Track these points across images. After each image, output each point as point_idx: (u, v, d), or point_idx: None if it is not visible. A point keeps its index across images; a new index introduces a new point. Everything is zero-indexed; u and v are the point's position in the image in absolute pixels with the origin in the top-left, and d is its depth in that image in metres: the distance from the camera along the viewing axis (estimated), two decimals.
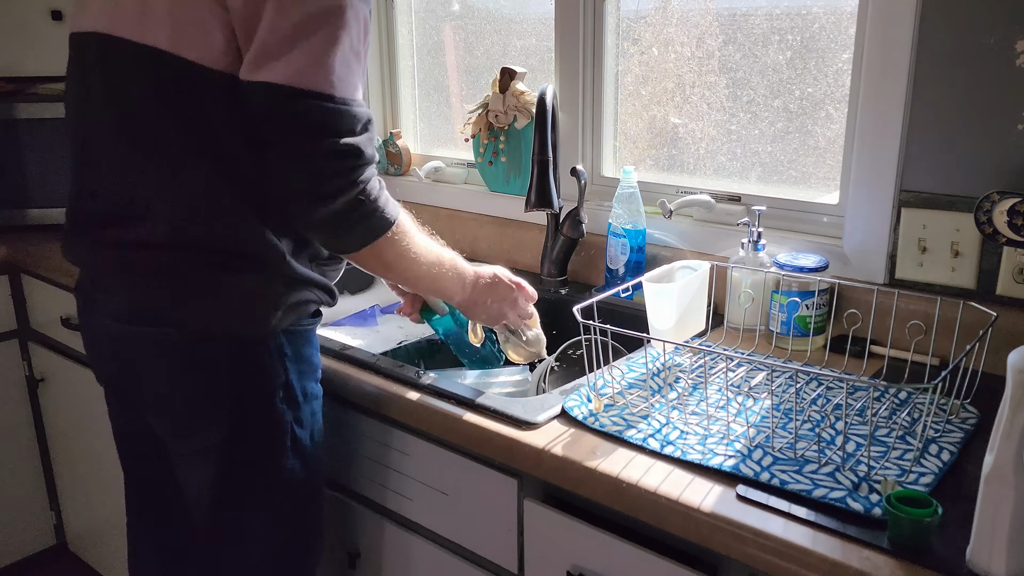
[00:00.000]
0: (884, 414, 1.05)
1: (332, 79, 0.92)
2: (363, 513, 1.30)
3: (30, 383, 2.17)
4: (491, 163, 1.78)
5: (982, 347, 1.05)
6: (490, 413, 1.08)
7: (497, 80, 1.73)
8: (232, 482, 1.09)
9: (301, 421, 1.10)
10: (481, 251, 1.84)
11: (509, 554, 1.10)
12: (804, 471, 0.91)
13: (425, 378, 1.18)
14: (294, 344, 1.08)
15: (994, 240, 1.11)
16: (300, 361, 1.09)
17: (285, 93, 0.91)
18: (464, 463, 1.11)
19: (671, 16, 1.55)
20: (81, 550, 2.27)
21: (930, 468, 0.91)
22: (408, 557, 1.25)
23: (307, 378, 1.11)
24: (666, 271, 1.23)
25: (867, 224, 1.29)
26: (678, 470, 0.93)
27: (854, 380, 1.11)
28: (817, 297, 1.27)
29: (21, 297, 2.10)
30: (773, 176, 1.48)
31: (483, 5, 1.87)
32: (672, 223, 1.52)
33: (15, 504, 2.21)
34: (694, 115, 1.56)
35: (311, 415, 1.12)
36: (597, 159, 1.69)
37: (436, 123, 2.04)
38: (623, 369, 1.19)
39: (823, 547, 0.79)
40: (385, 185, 1.04)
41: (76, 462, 2.11)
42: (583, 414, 1.05)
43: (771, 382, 1.12)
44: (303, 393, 1.10)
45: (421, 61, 2.02)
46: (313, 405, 1.13)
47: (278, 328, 1.05)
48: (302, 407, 1.10)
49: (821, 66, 1.38)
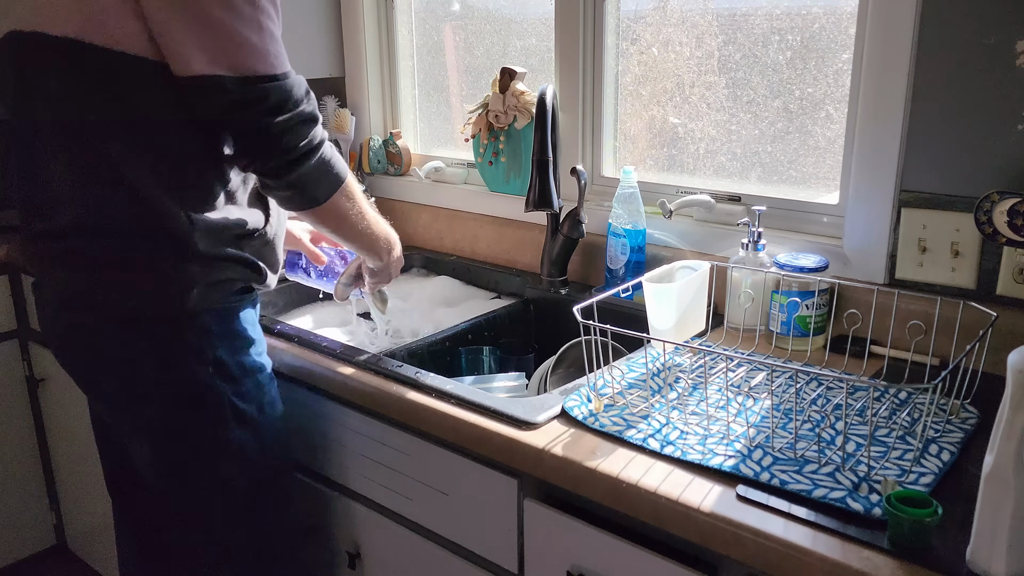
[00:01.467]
0: (884, 414, 1.05)
1: (271, 60, 1.01)
2: (363, 513, 1.30)
3: (30, 383, 2.16)
4: (491, 163, 1.78)
5: (982, 347, 1.05)
6: (490, 413, 1.08)
7: (497, 80, 1.73)
8: (171, 457, 1.13)
9: (243, 395, 1.13)
10: (481, 251, 1.84)
11: (509, 554, 1.10)
12: (804, 471, 0.91)
13: (425, 378, 1.18)
14: (221, 322, 1.11)
15: (994, 240, 1.11)
16: (231, 337, 1.12)
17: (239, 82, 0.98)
18: (464, 463, 1.11)
19: (671, 16, 1.55)
20: (81, 550, 2.27)
21: (930, 468, 0.91)
22: (408, 557, 1.25)
23: (242, 353, 1.13)
24: (666, 271, 1.23)
25: (867, 224, 1.29)
26: (678, 470, 0.93)
27: (854, 380, 1.11)
28: (817, 297, 1.27)
29: (21, 297, 2.10)
30: (773, 176, 1.48)
31: (483, 5, 1.86)
32: (672, 223, 1.52)
33: (15, 504, 2.21)
34: (694, 115, 1.56)
35: (256, 388, 1.15)
36: (597, 159, 1.69)
37: (436, 123, 2.04)
38: (623, 369, 1.19)
39: (823, 547, 0.79)
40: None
41: (76, 462, 2.11)
42: (583, 414, 1.05)
43: (771, 382, 1.12)
44: (239, 367, 1.13)
45: (421, 61, 2.02)
46: (258, 378, 1.15)
47: (200, 308, 1.07)
48: (241, 381, 1.13)
49: (821, 66, 1.38)
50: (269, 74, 1.00)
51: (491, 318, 1.54)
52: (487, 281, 1.76)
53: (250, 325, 1.16)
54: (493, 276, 1.75)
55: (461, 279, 1.80)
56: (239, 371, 1.13)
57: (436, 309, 1.67)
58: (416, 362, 1.36)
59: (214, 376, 1.10)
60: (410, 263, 1.90)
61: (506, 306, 1.60)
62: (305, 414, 1.34)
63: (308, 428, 1.34)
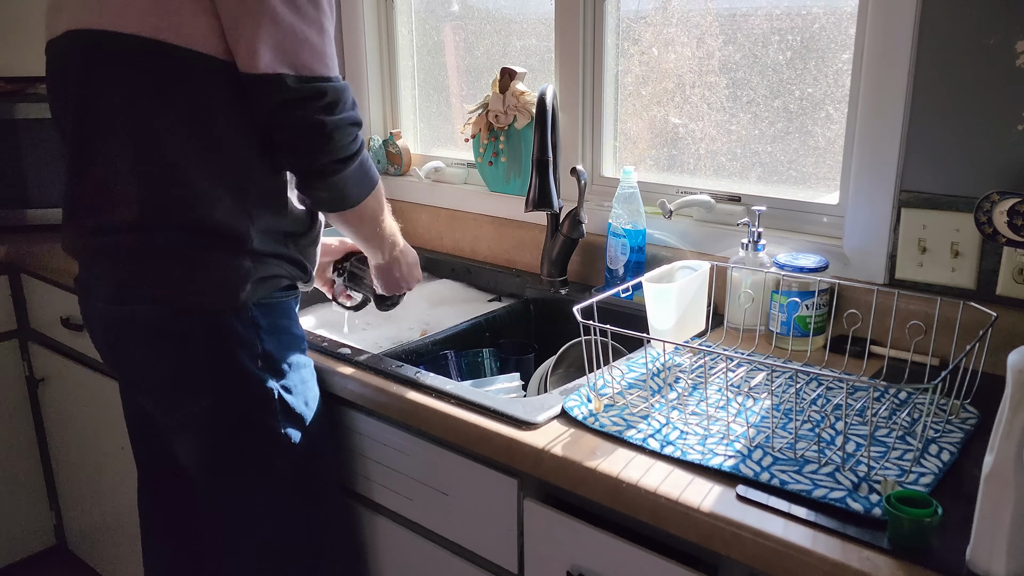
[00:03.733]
0: (884, 414, 1.05)
1: (327, 62, 1.04)
2: (363, 513, 1.30)
3: (30, 383, 2.16)
4: (491, 163, 1.78)
5: (982, 347, 1.05)
6: (490, 413, 1.08)
7: (497, 80, 1.73)
8: (221, 450, 1.13)
9: (290, 389, 1.14)
10: (481, 251, 1.84)
11: (509, 554, 1.10)
12: (804, 471, 0.91)
13: (425, 378, 1.18)
14: (268, 316, 1.12)
15: (994, 240, 1.11)
16: (277, 332, 1.14)
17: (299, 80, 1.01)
18: (464, 463, 1.11)
19: (671, 16, 1.55)
20: (81, 550, 2.27)
21: (930, 468, 0.91)
22: (408, 557, 1.25)
23: (288, 348, 1.15)
24: (666, 271, 1.23)
25: (867, 224, 1.29)
26: (678, 470, 0.93)
27: (854, 380, 1.11)
28: (817, 297, 1.27)
29: (21, 297, 2.10)
30: (773, 176, 1.48)
31: (483, 5, 1.86)
32: (672, 223, 1.52)
33: (15, 504, 2.21)
34: (694, 115, 1.56)
35: (301, 383, 1.16)
36: (597, 159, 1.69)
37: (436, 123, 2.04)
38: (623, 369, 1.19)
39: (823, 547, 0.79)
40: None
41: (76, 462, 2.11)
42: (583, 414, 1.05)
43: (771, 382, 1.12)
44: (287, 362, 1.14)
45: (421, 61, 2.02)
46: (302, 374, 1.17)
47: (249, 301, 1.09)
48: (288, 375, 1.14)
49: (821, 66, 1.38)
50: (325, 75, 1.03)
51: (491, 318, 1.54)
52: (487, 281, 1.76)
53: (293, 321, 1.18)
54: (493, 276, 1.75)
55: (461, 280, 1.80)
56: (287, 365, 1.14)
57: (435, 309, 1.67)
58: (412, 361, 1.36)
59: (263, 370, 1.11)
60: None
61: (506, 306, 1.60)
62: None
63: None
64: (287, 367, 1.14)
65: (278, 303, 1.14)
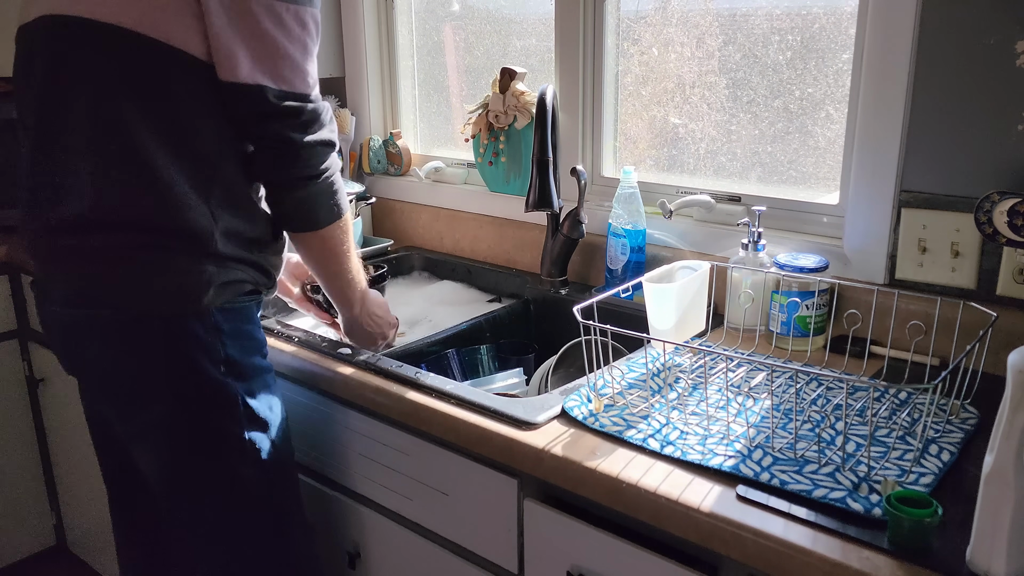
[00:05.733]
0: (884, 414, 1.05)
1: (308, 80, 1.07)
2: (363, 513, 1.30)
3: (30, 383, 2.17)
4: (491, 163, 1.78)
5: (982, 347, 1.05)
6: (490, 413, 1.08)
7: (497, 80, 1.73)
8: (183, 457, 1.11)
9: (253, 393, 1.12)
10: (481, 251, 1.84)
11: (509, 554, 1.10)
12: (804, 471, 0.91)
13: (425, 378, 1.18)
14: (231, 320, 1.10)
15: (994, 240, 1.11)
16: (240, 336, 1.12)
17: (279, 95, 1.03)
18: (464, 463, 1.11)
19: (671, 16, 1.55)
20: (81, 550, 2.27)
21: (930, 468, 0.91)
22: (408, 557, 1.25)
23: (251, 353, 1.13)
24: (666, 271, 1.23)
25: (867, 224, 1.29)
26: (678, 470, 0.93)
27: (854, 380, 1.11)
28: (817, 297, 1.27)
29: (21, 297, 2.10)
30: (773, 176, 1.48)
31: (483, 5, 1.87)
32: (672, 223, 1.52)
33: (15, 504, 2.21)
34: (694, 115, 1.56)
35: (264, 388, 1.15)
36: (597, 159, 1.69)
37: (436, 123, 2.04)
38: (623, 369, 1.19)
39: (823, 547, 0.79)
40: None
41: (76, 462, 2.11)
42: (583, 414, 1.05)
43: (771, 382, 1.12)
44: (250, 366, 1.12)
45: (421, 61, 2.02)
46: (265, 379, 1.15)
47: (211, 305, 1.07)
48: (252, 380, 1.12)
49: (821, 66, 1.38)
50: (304, 92, 1.05)
51: (491, 318, 1.54)
52: (487, 281, 1.76)
53: (256, 325, 1.16)
54: (493, 276, 1.75)
55: (461, 280, 1.80)
56: (249, 370, 1.12)
57: (435, 309, 1.67)
58: (413, 361, 1.36)
59: (226, 375, 1.09)
60: (410, 264, 1.90)
61: (506, 306, 1.60)
62: (305, 414, 1.34)
63: (308, 428, 1.34)
64: (251, 372, 1.12)
65: (241, 307, 1.12)
